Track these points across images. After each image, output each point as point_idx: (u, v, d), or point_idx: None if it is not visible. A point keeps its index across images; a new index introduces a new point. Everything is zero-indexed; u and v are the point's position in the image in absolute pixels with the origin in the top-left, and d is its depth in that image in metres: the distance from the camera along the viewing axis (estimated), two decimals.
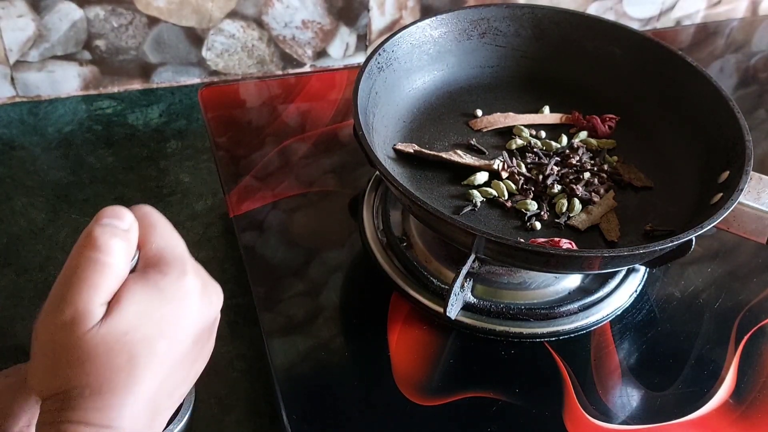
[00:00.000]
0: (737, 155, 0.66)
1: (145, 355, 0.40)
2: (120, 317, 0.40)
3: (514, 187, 0.70)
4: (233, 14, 0.89)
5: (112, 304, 0.40)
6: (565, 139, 0.75)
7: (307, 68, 0.96)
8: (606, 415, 0.61)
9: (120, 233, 0.41)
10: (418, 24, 0.76)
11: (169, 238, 0.44)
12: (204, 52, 0.91)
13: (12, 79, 0.86)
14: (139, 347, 0.40)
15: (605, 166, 0.72)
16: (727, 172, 0.66)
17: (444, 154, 0.71)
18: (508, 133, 0.76)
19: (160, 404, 0.42)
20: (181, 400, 0.45)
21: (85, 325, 0.39)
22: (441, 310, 0.62)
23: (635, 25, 1.06)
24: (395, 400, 0.61)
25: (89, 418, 0.39)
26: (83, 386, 0.39)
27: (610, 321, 0.68)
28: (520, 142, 0.74)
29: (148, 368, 0.41)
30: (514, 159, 0.72)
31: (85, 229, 0.42)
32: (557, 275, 0.69)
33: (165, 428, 0.54)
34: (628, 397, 0.63)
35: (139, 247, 0.43)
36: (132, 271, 0.43)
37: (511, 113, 0.77)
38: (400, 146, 0.71)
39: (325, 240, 0.72)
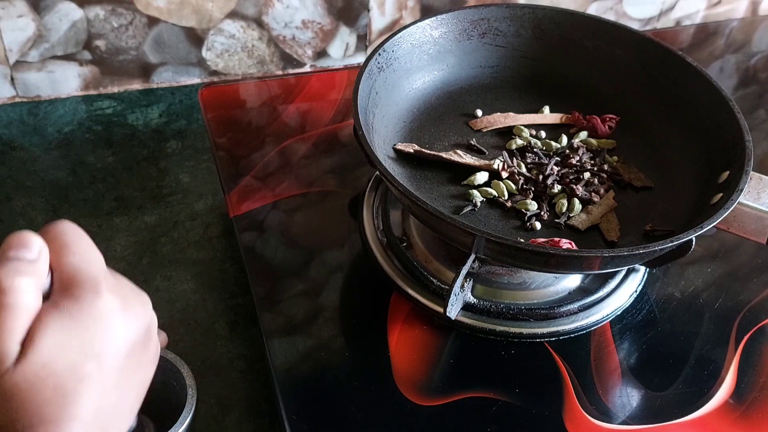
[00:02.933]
0: (737, 155, 0.66)
1: (72, 381, 0.39)
2: (36, 353, 0.39)
3: (514, 187, 0.70)
4: (233, 14, 0.89)
5: (26, 341, 0.39)
6: (565, 139, 0.75)
7: (307, 68, 0.96)
8: (606, 415, 0.61)
9: (26, 268, 0.40)
10: (418, 24, 0.76)
11: (83, 257, 0.42)
12: (204, 52, 0.91)
13: (12, 79, 0.86)
14: (65, 375, 0.39)
15: (605, 166, 0.72)
16: (727, 172, 0.66)
17: (444, 154, 0.71)
18: (508, 133, 0.76)
19: (105, 423, 0.41)
20: (135, 411, 0.44)
21: (1, 367, 0.38)
22: (441, 310, 0.62)
23: (635, 25, 1.06)
24: (395, 400, 0.61)
25: None
26: (13, 424, 0.38)
27: (610, 321, 0.68)
28: (520, 142, 0.74)
29: (79, 393, 0.39)
30: (514, 159, 0.72)
31: None
32: (557, 275, 0.69)
33: (167, 430, 0.54)
34: (628, 397, 0.63)
35: (52, 269, 0.42)
36: (47, 294, 0.41)
37: (511, 113, 0.77)
38: (400, 146, 0.71)
39: (325, 240, 0.72)
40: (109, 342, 0.41)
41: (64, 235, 0.42)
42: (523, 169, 0.71)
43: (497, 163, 0.70)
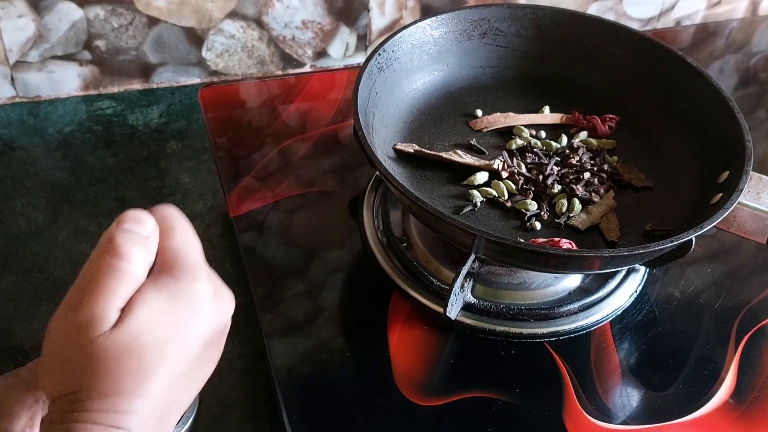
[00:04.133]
0: (737, 155, 0.66)
1: (154, 359, 0.41)
2: (132, 323, 0.41)
3: (514, 187, 0.70)
4: (233, 14, 0.89)
5: (125, 309, 0.41)
6: (565, 139, 0.75)
7: (307, 68, 0.96)
8: (606, 415, 0.61)
9: (141, 241, 0.42)
10: (419, 24, 0.76)
11: (185, 242, 0.45)
12: (204, 52, 0.91)
13: (12, 79, 0.86)
14: (149, 352, 0.41)
15: (605, 166, 0.72)
16: (727, 172, 0.66)
17: (444, 154, 0.71)
18: (508, 133, 0.76)
19: (168, 407, 0.43)
20: (190, 404, 0.45)
21: (98, 329, 0.40)
22: (441, 310, 0.62)
23: (635, 25, 1.06)
24: (395, 400, 0.61)
25: (97, 419, 0.40)
26: (91, 388, 0.40)
27: (610, 321, 0.68)
28: (520, 142, 0.74)
29: (157, 372, 0.41)
30: (514, 159, 0.72)
31: (106, 233, 0.42)
32: (557, 275, 0.69)
33: None
34: (628, 397, 0.63)
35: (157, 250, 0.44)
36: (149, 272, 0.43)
37: (511, 113, 0.77)
38: (400, 146, 0.71)
39: (325, 240, 0.72)
40: (196, 327, 0.43)
41: (169, 219, 0.45)
42: (523, 169, 0.71)
43: (497, 163, 0.70)
